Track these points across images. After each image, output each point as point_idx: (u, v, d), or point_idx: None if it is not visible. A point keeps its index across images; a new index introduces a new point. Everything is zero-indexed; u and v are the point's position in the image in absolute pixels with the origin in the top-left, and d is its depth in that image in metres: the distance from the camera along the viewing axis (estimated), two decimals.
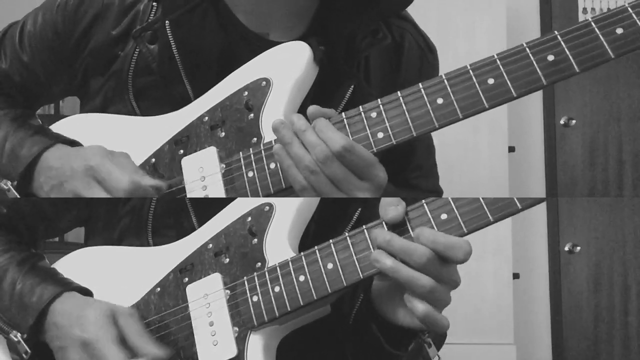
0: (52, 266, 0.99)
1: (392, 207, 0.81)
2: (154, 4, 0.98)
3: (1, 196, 0.95)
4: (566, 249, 2.88)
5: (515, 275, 2.61)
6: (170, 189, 0.92)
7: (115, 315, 0.86)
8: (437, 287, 0.77)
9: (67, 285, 0.91)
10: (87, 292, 0.92)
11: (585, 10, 2.93)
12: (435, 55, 1.10)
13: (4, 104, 1.04)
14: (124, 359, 0.82)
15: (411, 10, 1.07)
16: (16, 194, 0.94)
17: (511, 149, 2.67)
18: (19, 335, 0.89)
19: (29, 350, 0.88)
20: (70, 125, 1.00)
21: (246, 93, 0.92)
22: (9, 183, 0.94)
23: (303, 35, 0.99)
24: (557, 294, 2.87)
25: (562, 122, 2.91)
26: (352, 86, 0.96)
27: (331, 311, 0.89)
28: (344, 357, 0.94)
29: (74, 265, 0.99)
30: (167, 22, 0.95)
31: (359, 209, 0.96)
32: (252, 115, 0.91)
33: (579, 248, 2.87)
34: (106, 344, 0.82)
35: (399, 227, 0.81)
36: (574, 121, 2.90)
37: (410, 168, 1.11)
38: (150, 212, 0.97)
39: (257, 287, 0.86)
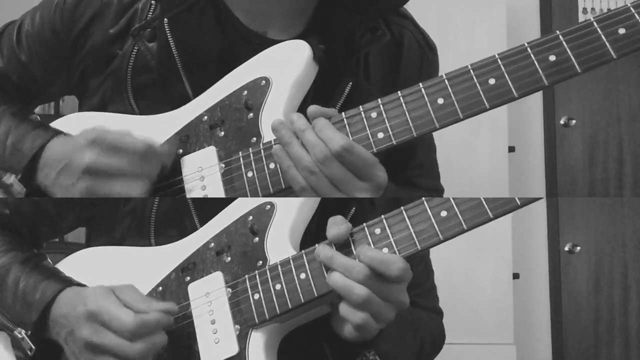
0: (55, 266, 0.99)
1: (334, 227, 0.83)
2: (153, 2, 0.98)
3: (5, 191, 0.94)
4: (566, 249, 2.87)
5: (515, 275, 2.61)
6: (171, 187, 0.92)
7: (114, 289, 0.86)
8: (374, 299, 0.79)
9: (69, 282, 0.91)
10: None
11: (585, 11, 2.93)
12: (435, 53, 1.10)
13: (2, 100, 1.04)
14: (132, 315, 0.81)
15: (411, 10, 1.07)
16: (20, 187, 0.93)
17: (511, 149, 2.66)
18: (22, 332, 0.89)
19: (33, 347, 0.88)
20: (69, 124, 0.99)
21: (245, 92, 0.92)
22: (12, 177, 0.94)
23: (301, 33, 0.99)
24: (557, 294, 2.86)
25: (562, 122, 2.91)
26: (350, 83, 0.96)
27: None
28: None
29: (77, 265, 0.99)
30: (165, 20, 0.95)
31: (354, 208, 0.96)
32: (251, 114, 0.91)
33: (579, 248, 2.87)
34: (112, 308, 0.82)
35: (397, 223, 0.82)
36: (574, 121, 2.90)
37: (411, 166, 1.11)
38: (153, 213, 0.97)
39: (259, 285, 0.86)
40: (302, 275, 0.84)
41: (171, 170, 0.92)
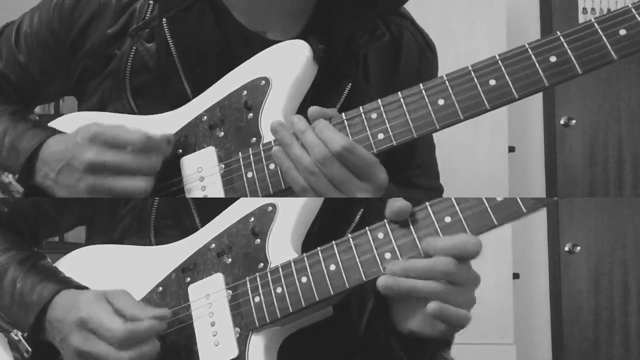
0: (53, 265, 0.98)
1: (396, 204, 0.80)
2: (151, 2, 0.98)
3: (4, 190, 0.94)
4: (566, 249, 2.87)
5: (515, 276, 2.61)
6: (170, 188, 0.91)
7: (107, 295, 0.86)
8: (450, 288, 0.76)
9: (67, 284, 0.91)
10: None
11: (585, 11, 2.92)
12: (434, 52, 1.10)
13: (1, 101, 1.04)
14: (122, 323, 0.81)
15: (411, 10, 1.07)
16: (18, 186, 0.93)
17: (511, 149, 2.66)
18: (19, 334, 0.89)
19: (29, 349, 0.88)
20: (68, 124, 0.99)
21: (245, 92, 0.92)
22: (10, 176, 0.94)
23: (301, 33, 0.99)
24: (557, 294, 2.86)
25: (562, 122, 2.91)
26: (350, 84, 0.96)
27: (339, 316, 0.88)
28: (346, 358, 0.94)
29: (75, 264, 0.99)
30: (164, 20, 0.95)
31: (361, 210, 0.96)
32: (251, 114, 0.91)
33: (579, 248, 2.87)
34: (103, 316, 0.82)
35: (403, 228, 0.81)
36: (574, 121, 2.90)
37: (411, 167, 1.11)
38: (153, 212, 0.97)
39: (259, 287, 0.86)
40: (304, 279, 0.83)
41: (171, 170, 0.92)
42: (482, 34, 2.64)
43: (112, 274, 0.96)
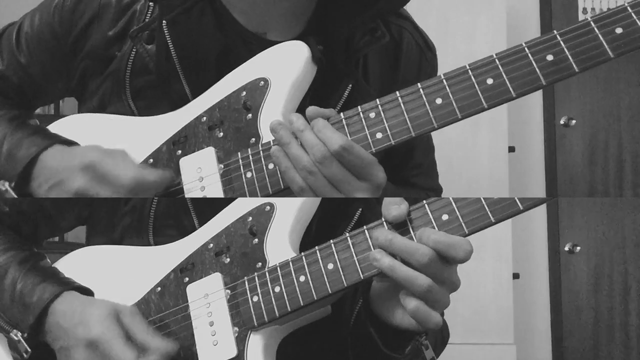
0: (53, 265, 0.98)
1: (394, 207, 0.80)
2: (151, 4, 0.98)
3: (1, 196, 0.94)
4: (566, 249, 2.87)
5: (515, 276, 2.61)
6: (169, 189, 0.92)
7: (119, 314, 0.85)
8: (435, 287, 0.76)
9: (68, 285, 0.91)
10: (87, 292, 0.92)
11: (585, 10, 2.93)
12: (434, 54, 1.10)
13: (1, 104, 1.04)
14: (134, 357, 0.81)
15: (411, 10, 1.07)
16: (14, 194, 0.94)
17: (511, 149, 2.66)
18: (19, 334, 0.88)
19: (29, 350, 0.88)
20: (68, 125, 1.00)
21: (244, 93, 0.92)
22: (6, 184, 0.94)
23: (301, 34, 0.99)
24: (557, 294, 2.86)
25: (562, 122, 2.91)
26: (350, 85, 0.96)
27: (332, 313, 0.88)
28: (345, 357, 0.94)
29: (75, 264, 0.99)
30: (164, 22, 0.95)
31: (360, 209, 0.96)
32: (250, 115, 0.91)
33: (579, 248, 2.87)
34: (114, 342, 0.82)
35: (400, 227, 0.81)
36: (574, 121, 2.90)
37: (409, 167, 1.11)
38: (152, 212, 0.97)
39: (258, 287, 0.86)
40: (302, 278, 0.83)
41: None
42: (482, 34, 2.65)
43: (111, 274, 0.96)
